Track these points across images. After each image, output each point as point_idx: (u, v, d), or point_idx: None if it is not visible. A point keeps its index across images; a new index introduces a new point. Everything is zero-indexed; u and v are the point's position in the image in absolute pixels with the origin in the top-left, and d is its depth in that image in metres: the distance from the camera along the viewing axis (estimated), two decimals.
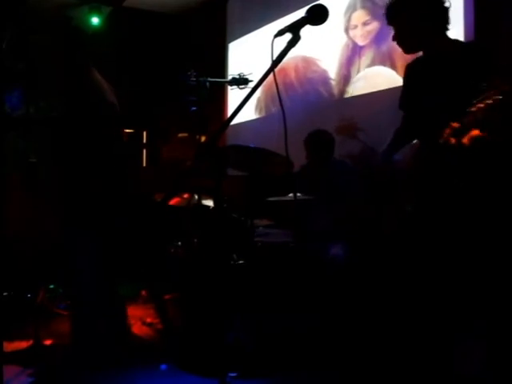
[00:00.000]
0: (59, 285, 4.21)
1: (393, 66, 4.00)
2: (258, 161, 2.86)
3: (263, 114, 5.39)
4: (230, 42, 6.25)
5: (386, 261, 2.69)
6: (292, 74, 5.02)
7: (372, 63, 4.25)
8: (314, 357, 2.72)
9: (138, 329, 3.48)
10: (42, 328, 3.20)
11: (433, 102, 2.24)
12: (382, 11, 2.38)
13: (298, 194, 3.15)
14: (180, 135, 5.19)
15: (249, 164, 2.92)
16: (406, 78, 2.53)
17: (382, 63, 4.13)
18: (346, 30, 4.51)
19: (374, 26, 4.22)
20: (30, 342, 3.12)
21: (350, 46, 4.48)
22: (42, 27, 5.44)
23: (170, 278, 3.45)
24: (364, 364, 2.64)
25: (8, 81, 5.24)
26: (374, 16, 4.22)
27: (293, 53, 1.72)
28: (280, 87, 1.82)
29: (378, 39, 4.17)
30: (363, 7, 4.35)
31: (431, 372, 2.21)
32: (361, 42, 4.36)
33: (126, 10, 6.54)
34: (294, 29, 1.68)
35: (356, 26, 4.41)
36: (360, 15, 4.38)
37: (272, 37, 1.69)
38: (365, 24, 4.32)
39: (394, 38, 2.36)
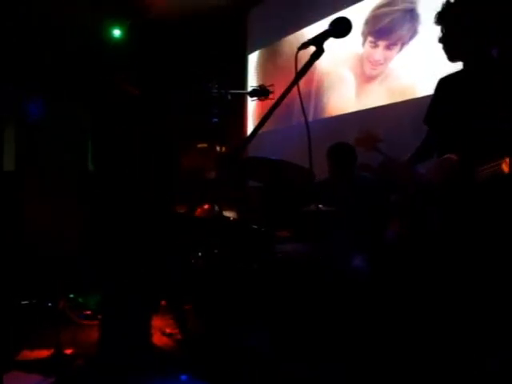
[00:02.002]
0: (79, 294, 4.25)
1: (412, 78, 3.98)
2: (278, 172, 2.86)
3: (283, 125, 5.40)
4: (250, 53, 6.28)
5: (408, 274, 2.66)
6: (313, 84, 5.02)
7: (390, 75, 4.25)
8: (336, 367, 2.69)
9: (157, 339, 3.48)
10: (63, 337, 3.22)
11: (478, 122, 2.16)
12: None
13: (320, 206, 3.14)
14: (200, 145, 5.21)
15: (270, 175, 2.92)
16: (437, 93, 2.45)
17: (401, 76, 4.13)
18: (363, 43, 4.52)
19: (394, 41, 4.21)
20: (51, 350, 3.14)
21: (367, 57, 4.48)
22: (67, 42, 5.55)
23: (189, 288, 3.45)
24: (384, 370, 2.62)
25: (29, 90, 5.34)
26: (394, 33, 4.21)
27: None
28: (304, 96, 1.82)
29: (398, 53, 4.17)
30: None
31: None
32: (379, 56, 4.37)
33: (146, 22, 6.62)
34: (318, 41, 1.68)
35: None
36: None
37: (295, 48, 1.69)
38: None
39: (441, 40, 2.27)
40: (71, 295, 4.26)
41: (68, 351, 3.19)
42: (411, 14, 4.06)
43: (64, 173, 4.91)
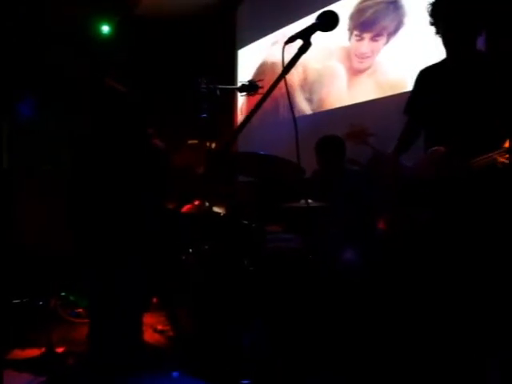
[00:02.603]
0: (71, 292, 4.23)
1: (401, 72, 3.99)
2: (268, 167, 2.86)
3: (273, 119, 5.39)
4: (239, 48, 6.27)
5: (399, 267, 2.66)
6: (301, 78, 5.02)
7: (378, 69, 4.26)
8: (330, 364, 2.70)
9: (149, 336, 3.47)
10: (54, 335, 3.21)
11: (464, 112, 2.18)
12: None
13: (310, 201, 3.14)
14: (190, 142, 5.19)
15: (259, 170, 2.91)
16: (418, 84, 2.46)
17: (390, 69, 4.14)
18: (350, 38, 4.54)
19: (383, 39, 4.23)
20: (43, 349, 3.12)
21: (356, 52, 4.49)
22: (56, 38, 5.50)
23: (181, 284, 3.45)
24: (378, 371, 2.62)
25: (20, 89, 5.30)
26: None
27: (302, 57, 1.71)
28: (290, 91, 1.81)
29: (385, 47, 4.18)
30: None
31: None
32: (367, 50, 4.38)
33: (135, 18, 6.59)
34: (305, 35, 1.66)
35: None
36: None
37: (282, 43, 1.69)
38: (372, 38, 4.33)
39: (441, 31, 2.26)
40: (62, 293, 4.25)
41: (59, 350, 3.18)
42: (395, 5, 4.10)
43: (57, 172, 4.88)
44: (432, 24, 2.30)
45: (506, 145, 1.95)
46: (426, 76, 2.44)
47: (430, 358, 2.25)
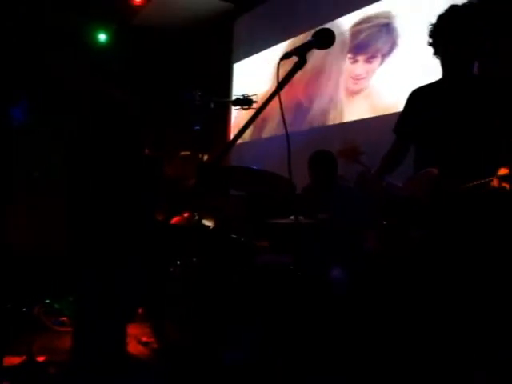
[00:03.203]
0: (55, 300, 4.18)
1: (395, 93, 4.02)
2: (260, 182, 2.86)
3: (267, 134, 5.40)
4: (235, 62, 6.30)
5: (389, 283, 2.66)
6: (299, 94, 5.05)
7: (373, 91, 4.29)
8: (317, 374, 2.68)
9: (133, 347, 3.43)
10: (36, 344, 3.16)
11: (459, 133, 2.18)
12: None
13: (300, 217, 3.13)
14: (183, 153, 5.19)
15: (251, 185, 2.91)
16: (410, 103, 2.46)
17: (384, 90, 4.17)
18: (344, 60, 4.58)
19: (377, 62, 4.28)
20: (23, 357, 3.07)
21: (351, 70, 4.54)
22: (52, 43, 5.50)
23: (168, 296, 3.42)
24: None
25: (13, 92, 5.28)
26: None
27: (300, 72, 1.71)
28: (286, 105, 1.81)
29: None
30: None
31: None
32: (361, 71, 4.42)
33: (131, 28, 6.61)
34: (301, 52, 1.67)
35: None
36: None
37: (278, 59, 1.69)
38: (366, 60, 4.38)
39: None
40: (47, 301, 4.19)
41: (40, 359, 3.13)
42: (387, 28, 4.18)
43: (47, 177, 4.86)
44: (430, 44, 2.32)
45: (501, 172, 1.95)
46: (419, 96, 2.43)
47: (422, 366, 2.25)
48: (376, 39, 4.28)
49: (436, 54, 2.31)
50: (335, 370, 2.75)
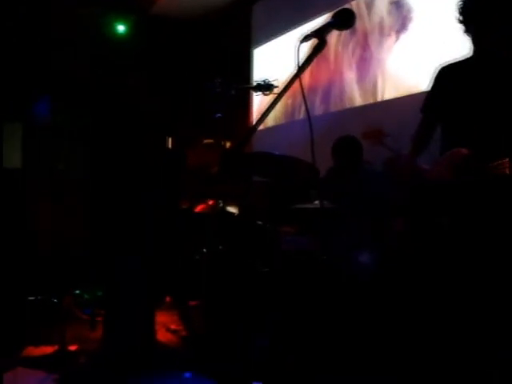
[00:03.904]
0: (85, 290, 4.25)
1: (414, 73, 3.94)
2: (283, 168, 2.83)
3: (289, 119, 5.36)
4: (255, 47, 6.25)
5: (415, 268, 2.62)
6: (320, 77, 4.99)
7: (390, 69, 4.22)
8: (344, 366, 2.67)
9: (162, 335, 3.47)
10: (68, 333, 3.22)
11: (492, 113, 2.11)
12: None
13: (324, 202, 3.10)
14: (205, 141, 5.20)
15: (274, 171, 2.88)
16: (439, 81, 2.36)
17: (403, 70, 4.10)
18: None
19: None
20: (56, 347, 3.13)
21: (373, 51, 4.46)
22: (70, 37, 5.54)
23: (195, 284, 3.44)
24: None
25: (36, 89, 5.35)
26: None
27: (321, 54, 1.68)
28: (307, 91, 1.79)
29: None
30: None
31: None
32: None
33: (150, 18, 6.61)
34: (320, 34, 1.63)
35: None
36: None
37: (297, 42, 1.66)
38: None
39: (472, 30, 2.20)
40: (77, 291, 4.27)
41: (72, 348, 3.19)
42: (398, 4, 4.14)
43: (71, 172, 4.92)
44: (461, 22, 2.24)
45: None
46: (448, 74, 2.33)
47: (438, 358, 2.22)
48: (388, 16, 4.23)
49: (467, 31, 2.23)
50: (351, 366, 2.74)
